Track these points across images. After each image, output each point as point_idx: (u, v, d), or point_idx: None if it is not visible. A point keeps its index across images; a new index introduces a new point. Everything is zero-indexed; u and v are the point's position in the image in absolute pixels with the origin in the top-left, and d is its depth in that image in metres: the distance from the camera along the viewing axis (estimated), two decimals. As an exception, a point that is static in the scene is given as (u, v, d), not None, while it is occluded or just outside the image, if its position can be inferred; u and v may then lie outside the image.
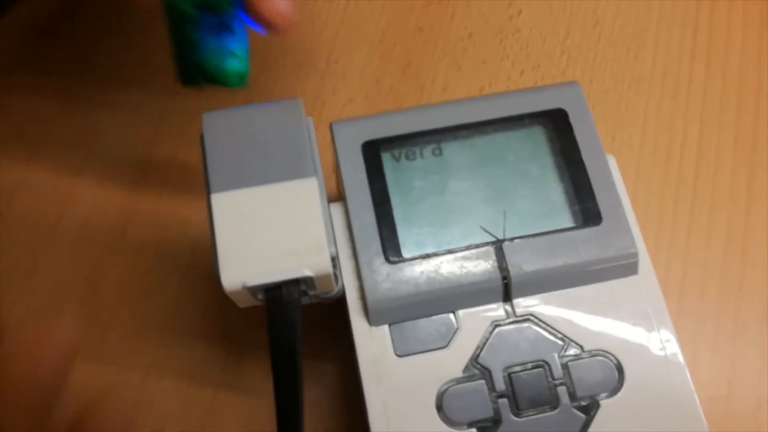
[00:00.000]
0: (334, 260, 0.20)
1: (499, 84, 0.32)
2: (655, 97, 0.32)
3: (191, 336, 0.27)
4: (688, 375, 0.21)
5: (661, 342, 0.21)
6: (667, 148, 0.31)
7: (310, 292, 0.20)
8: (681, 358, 0.21)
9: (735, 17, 0.34)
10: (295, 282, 0.18)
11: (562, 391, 0.21)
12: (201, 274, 0.28)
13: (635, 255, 0.22)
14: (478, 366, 0.21)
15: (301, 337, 0.19)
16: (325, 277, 0.19)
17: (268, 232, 0.19)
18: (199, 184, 0.29)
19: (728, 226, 0.30)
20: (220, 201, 0.19)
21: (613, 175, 0.23)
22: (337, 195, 0.25)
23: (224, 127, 0.20)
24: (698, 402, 0.21)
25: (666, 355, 0.21)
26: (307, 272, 0.18)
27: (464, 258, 0.21)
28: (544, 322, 0.21)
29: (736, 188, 0.31)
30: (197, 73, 0.22)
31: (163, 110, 0.31)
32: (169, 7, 0.21)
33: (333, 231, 0.22)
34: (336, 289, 0.21)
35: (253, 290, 0.18)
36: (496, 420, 0.20)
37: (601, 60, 0.33)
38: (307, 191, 0.19)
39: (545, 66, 0.33)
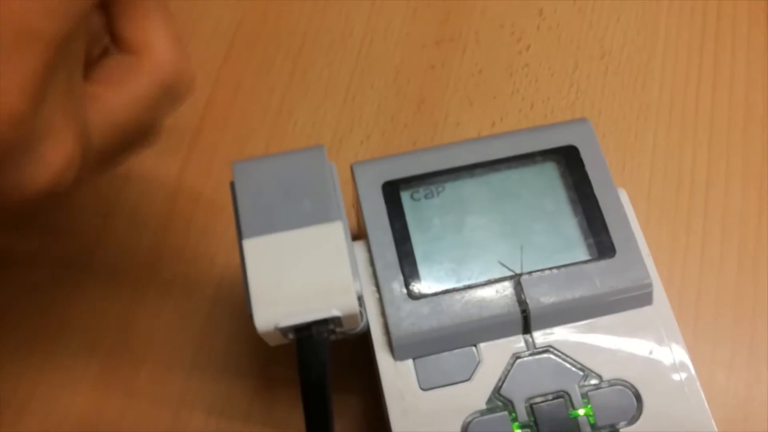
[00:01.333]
0: (360, 299, 0.21)
1: (511, 118, 0.33)
2: (663, 125, 0.33)
3: (219, 371, 0.28)
4: (705, 402, 0.21)
5: (677, 370, 0.22)
6: (677, 175, 0.32)
7: (337, 330, 0.21)
8: (698, 386, 0.22)
9: (739, 44, 0.35)
10: (324, 321, 0.19)
11: (583, 420, 0.21)
12: (226, 310, 0.29)
13: (650, 285, 0.22)
14: (501, 398, 0.22)
15: (330, 372, 0.20)
16: (352, 317, 0.20)
17: (298, 274, 0.20)
18: (223, 222, 0.30)
19: (740, 249, 0.30)
20: (251, 246, 0.20)
21: (625, 207, 0.24)
22: (357, 232, 0.26)
23: (253, 175, 0.21)
24: (716, 428, 0.21)
25: (682, 382, 0.22)
26: (336, 312, 0.19)
27: (484, 292, 0.22)
28: (563, 353, 0.22)
29: (746, 212, 0.31)
30: None
31: (189, 148, 0.32)
32: None
33: (357, 270, 0.23)
34: (361, 326, 0.22)
35: (284, 330, 0.19)
36: (520, 450, 0.21)
37: (609, 91, 0.34)
38: (333, 234, 0.20)
39: (555, 98, 0.34)
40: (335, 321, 0.20)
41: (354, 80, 0.34)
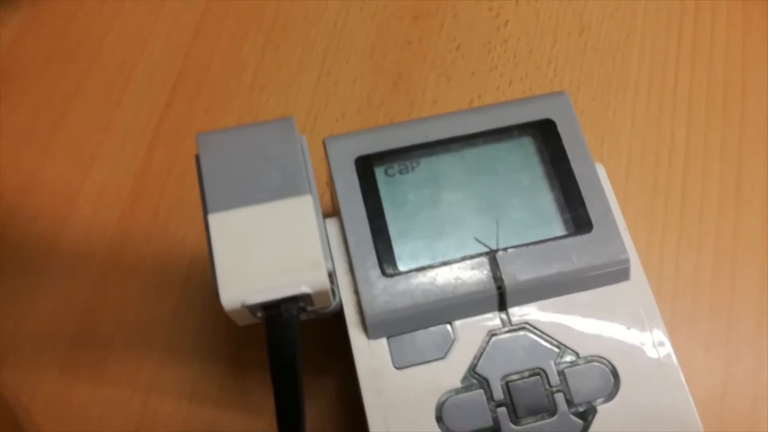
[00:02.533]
0: (331, 276, 0.20)
1: (489, 94, 0.33)
2: (641, 102, 0.33)
3: (190, 354, 0.27)
4: (682, 377, 0.21)
5: (654, 345, 0.22)
6: (655, 153, 0.32)
7: (309, 308, 0.20)
8: (675, 361, 0.21)
9: (719, 20, 0.35)
10: (294, 299, 0.19)
11: (559, 397, 0.21)
12: (198, 292, 0.29)
13: (627, 261, 0.22)
14: (476, 376, 0.21)
15: (300, 352, 0.19)
16: (322, 293, 0.19)
17: (266, 250, 0.19)
18: (193, 201, 0.30)
19: (718, 227, 0.30)
20: (217, 221, 0.19)
21: (603, 183, 0.23)
22: (331, 210, 0.25)
23: (219, 147, 0.20)
24: (693, 404, 0.21)
25: (660, 358, 0.21)
26: (305, 289, 0.19)
27: (459, 269, 0.22)
28: (539, 330, 0.22)
29: (725, 190, 0.31)
30: None
31: (155, 131, 0.31)
32: None
33: (329, 246, 0.22)
34: (333, 304, 0.21)
35: (252, 308, 0.19)
36: (496, 429, 0.21)
37: (588, 67, 0.34)
38: (303, 209, 0.19)
39: (533, 75, 0.33)
40: (305, 299, 0.19)
41: (329, 55, 0.33)
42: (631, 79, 0.33)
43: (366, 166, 0.23)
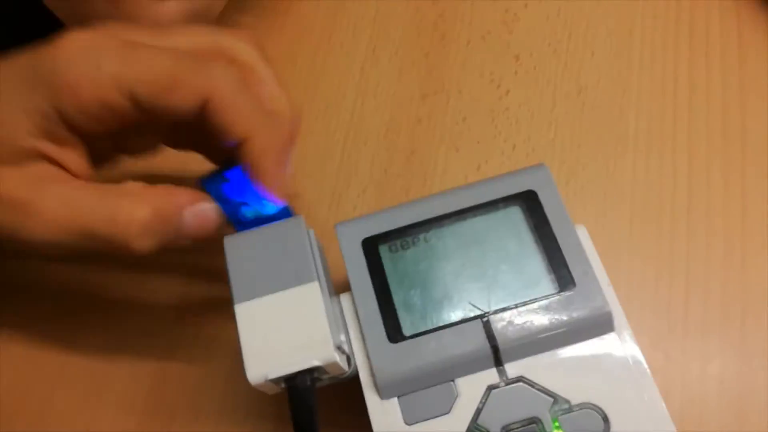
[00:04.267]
0: (341, 348, 0.24)
1: (494, 159, 0.36)
2: (641, 152, 0.35)
3: (243, 416, 0.31)
4: (669, 418, 0.23)
5: (641, 391, 0.24)
6: (658, 203, 0.34)
7: (324, 377, 0.24)
8: (662, 404, 0.23)
9: (714, 69, 0.36)
10: (308, 371, 0.22)
11: (555, 443, 0.23)
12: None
13: (609, 313, 0.24)
14: (479, 427, 0.24)
15: (318, 415, 0.22)
16: (332, 365, 0.23)
17: (283, 331, 0.23)
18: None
19: (724, 266, 0.32)
20: (242, 310, 0.23)
21: (584, 242, 0.26)
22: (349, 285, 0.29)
23: (242, 247, 0.24)
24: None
25: (647, 402, 0.23)
26: (316, 362, 0.22)
27: (456, 332, 0.25)
28: (534, 382, 0.24)
29: (730, 229, 0.33)
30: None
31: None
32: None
33: (344, 319, 0.26)
34: (350, 370, 0.25)
35: (275, 381, 0.22)
36: (499, 475, 0.23)
37: (588, 124, 0.36)
38: (311, 294, 0.23)
39: (535, 137, 0.36)
40: (319, 370, 0.23)
41: (348, 140, 0.37)
42: (630, 132, 0.36)
43: (371, 246, 0.27)
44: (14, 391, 0.33)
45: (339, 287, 0.28)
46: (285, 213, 0.26)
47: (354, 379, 0.26)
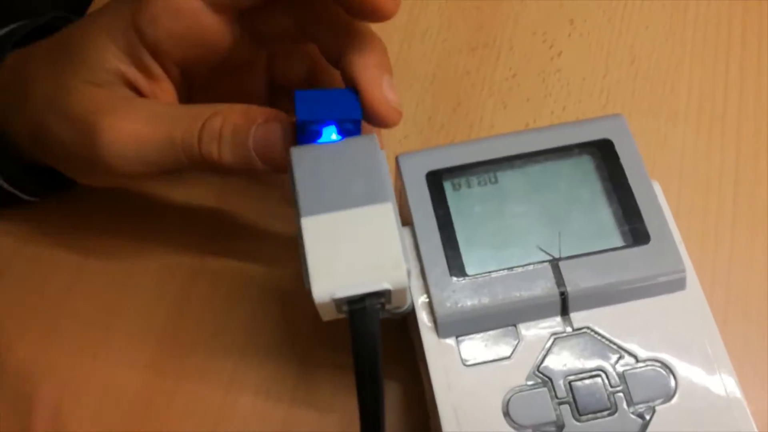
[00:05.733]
0: (409, 273, 0.22)
1: (543, 120, 0.35)
2: (691, 128, 0.34)
3: (266, 354, 0.29)
4: (736, 380, 0.22)
5: (710, 350, 0.23)
6: (705, 178, 0.33)
7: (386, 306, 0.22)
8: (730, 365, 0.23)
9: (765, 50, 0.36)
10: (376, 294, 0.21)
11: (619, 397, 0.22)
12: (273, 297, 0.31)
13: (683, 271, 0.24)
14: (541, 375, 0.23)
15: (381, 345, 0.21)
16: (401, 291, 0.21)
17: (352, 250, 0.21)
18: (269, 217, 0.32)
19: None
20: (309, 224, 0.21)
21: (659, 197, 0.25)
22: (402, 221, 0.27)
23: (310, 159, 0.22)
24: (747, 406, 0.22)
25: (715, 362, 0.23)
26: (387, 285, 0.20)
27: (524, 275, 0.23)
28: (600, 334, 0.23)
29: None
30: None
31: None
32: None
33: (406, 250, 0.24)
34: (407, 305, 0.23)
35: (339, 302, 0.21)
36: (559, 425, 0.22)
37: (639, 95, 0.35)
38: (385, 214, 0.21)
39: (586, 102, 0.35)
40: (386, 295, 0.21)
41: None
42: (681, 107, 0.35)
43: (435, 181, 0.25)
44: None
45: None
46: None
47: (400, 324, 0.24)
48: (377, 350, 0.21)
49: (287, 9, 0.27)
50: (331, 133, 0.23)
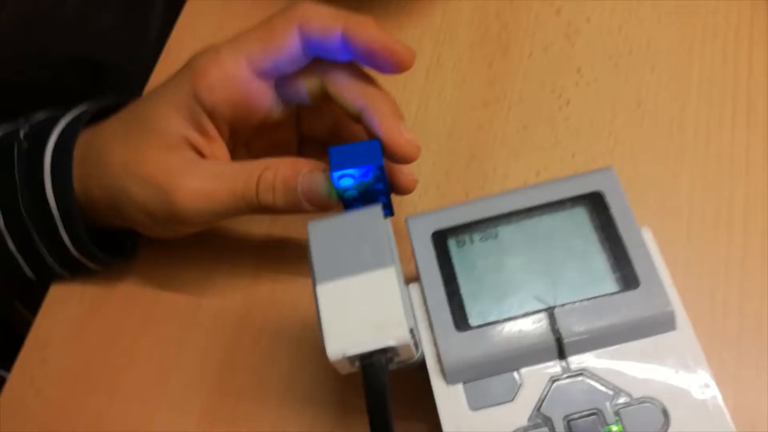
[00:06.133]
0: (413, 332, 0.25)
1: (554, 166, 0.37)
2: (699, 165, 0.36)
3: (305, 402, 0.33)
4: (728, 416, 0.24)
5: (701, 387, 0.24)
6: (714, 213, 0.34)
7: (396, 359, 0.25)
8: (721, 402, 0.24)
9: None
10: (383, 351, 0.24)
11: (615, 434, 0.24)
12: (310, 348, 0.34)
13: (672, 312, 0.25)
14: (541, 416, 0.25)
15: (390, 395, 0.24)
16: (405, 346, 0.24)
17: (361, 312, 0.24)
18: (303, 272, 0.36)
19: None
20: (323, 290, 0.25)
21: (649, 243, 0.27)
22: (415, 276, 0.30)
23: (324, 231, 0.26)
24: (739, 439, 0.23)
25: (706, 399, 0.24)
26: (391, 342, 0.23)
27: (522, 324, 0.26)
28: (596, 375, 0.25)
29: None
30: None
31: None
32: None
33: (412, 307, 0.27)
34: (417, 356, 0.26)
35: (351, 359, 0.24)
36: (560, 461, 0.24)
37: (647, 137, 0.37)
38: (388, 278, 0.24)
39: (594, 147, 0.37)
40: (392, 350, 0.24)
41: (412, 143, 0.39)
42: (689, 145, 0.36)
43: (441, 239, 0.28)
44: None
45: (406, 279, 0.29)
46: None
47: (422, 372, 0.27)
48: (386, 398, 0.23)
49: (313, 75, 0.32)
50: (358, 178, 0.28)
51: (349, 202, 0.30)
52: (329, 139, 0.35)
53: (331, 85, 0.31)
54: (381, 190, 0.29)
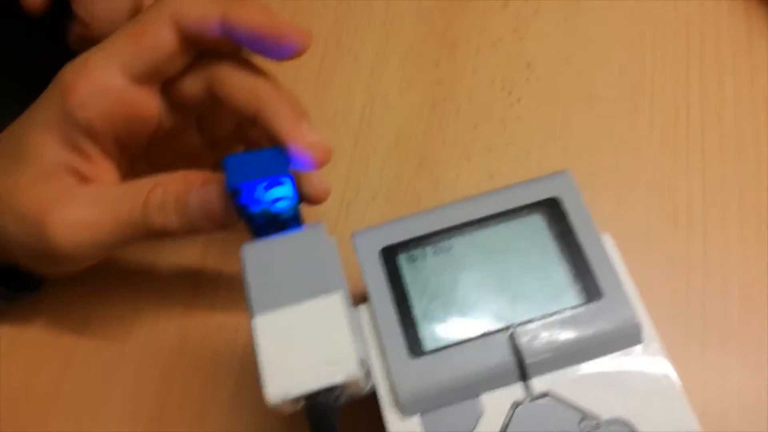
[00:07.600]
0: (363, 362, 0.23)
1: (507, 167, 0.35)
2: (655, 159, 0.34)
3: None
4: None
5: (672, 406, 0.23)
6: (673, 207, 0.33)
7: (345, 393, 0.23)
8: (694, 420, 0.23)
9: (725, 70, 0.36)
10: (331, 389, 0.21)
11: (584, 461, 0.23)
12: (252, 376, 0.31)
13: (638, 325, 0.24)
14: (505, 444, 0.23)
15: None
16: (355, 383, 0.22)
17: (304, 346, 0.22)
18: (242, 295, 0.33)
19: (741, 275, 0.31)
20: (261, 322, 0.22)
21: (610, 252, 0.25)
22: (366, 295, 0.28)
23: (260, 255, 0.23)
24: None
25: (677, 416, 0.23)
26: (340, 379, 0.21)
27: (480, 346, 0.24)
28: (561, 398, 0.23)
29: (746, 235, 0.32)
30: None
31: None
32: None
33: (362, 332, 0.25)
34: (368, 386, 0.24)
35: (296, 399, 0.21)
36: (527, 494, 0.22)
37: (600, 132, 0.36)
38: (334, 305, 0.22)
39: (549, 145, 0.35)
40: (341, 386, 0.22)
41: (357, 146, 0.36)
42: (643, 139, 0.35)
43: (390, 256, 0.26)
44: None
45: (354, 299, 0.27)
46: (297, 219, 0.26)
47: (372, 397, 0.25)
48: (335, 440, 0.21)
49: (199, 74, 0.28)
50: (264, 190, 0.24)
51: (253, 219, 0.26)
52: (237, 141, 0.32)
53: (219, 86, 0.28)
54: (289, 208, 0.26)
